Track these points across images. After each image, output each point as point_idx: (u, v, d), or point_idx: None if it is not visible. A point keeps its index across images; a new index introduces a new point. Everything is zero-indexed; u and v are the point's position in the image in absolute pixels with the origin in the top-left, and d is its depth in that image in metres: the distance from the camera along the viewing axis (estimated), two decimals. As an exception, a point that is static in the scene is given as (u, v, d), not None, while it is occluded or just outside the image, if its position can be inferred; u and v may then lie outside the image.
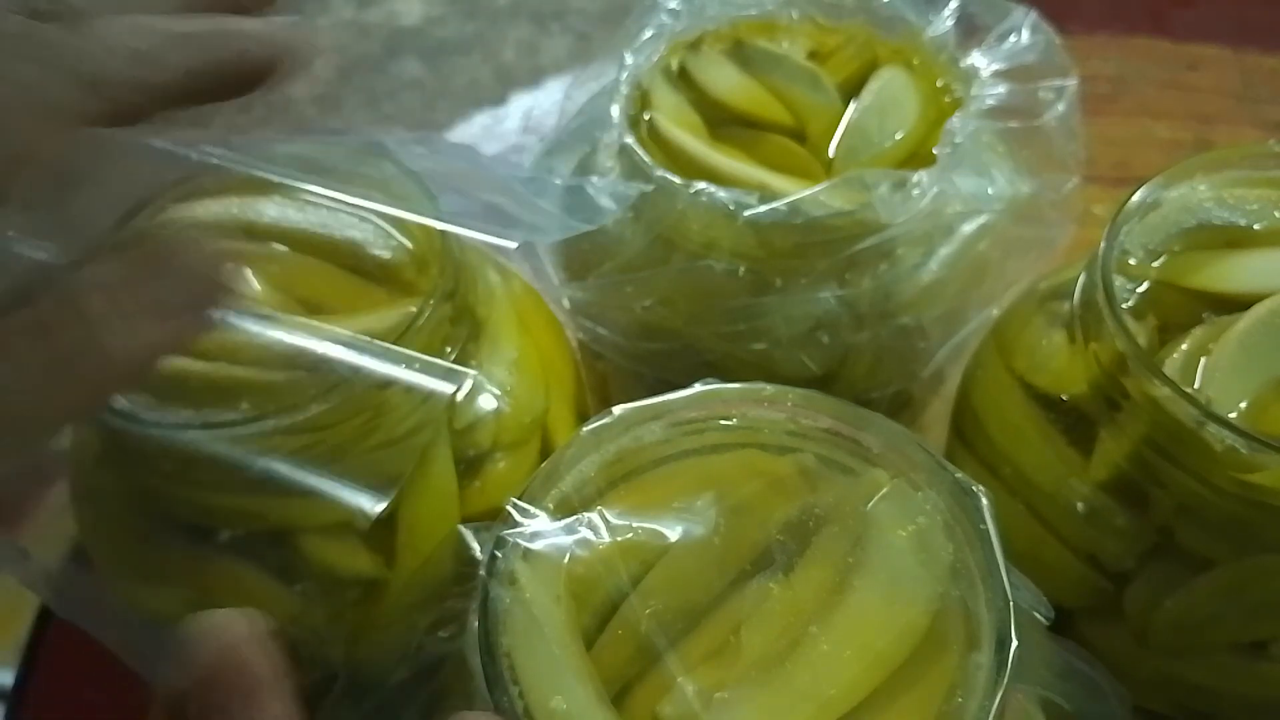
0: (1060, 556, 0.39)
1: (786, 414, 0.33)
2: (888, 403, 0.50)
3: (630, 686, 0.29)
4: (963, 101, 0.47)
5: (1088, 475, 0.38)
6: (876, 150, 0.46)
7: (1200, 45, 0.78)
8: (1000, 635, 0.28)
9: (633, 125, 0.47)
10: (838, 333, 0.45)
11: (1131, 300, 0.37)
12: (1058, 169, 0.47)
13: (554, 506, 0.32)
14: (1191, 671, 0.38)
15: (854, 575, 0.29)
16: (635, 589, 0.30)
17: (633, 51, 0.49)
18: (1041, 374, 0.40)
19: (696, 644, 0.29)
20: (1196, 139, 0.72)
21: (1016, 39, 0.48)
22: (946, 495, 0.31)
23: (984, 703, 0.27)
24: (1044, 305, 0.43)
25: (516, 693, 0.27)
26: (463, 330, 0.37)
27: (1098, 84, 0.75)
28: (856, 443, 0.33)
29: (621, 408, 0.33)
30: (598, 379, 0.53)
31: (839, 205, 0.42)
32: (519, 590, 0.29)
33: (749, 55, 0.50)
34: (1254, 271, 0.38)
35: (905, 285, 0.45)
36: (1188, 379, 0.35)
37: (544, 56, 0.85)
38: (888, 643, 0.28)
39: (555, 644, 0.28)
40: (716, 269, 0.43)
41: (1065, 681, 0.30)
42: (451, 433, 0.37)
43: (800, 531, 0.31)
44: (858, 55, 0.50)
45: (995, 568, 0.29)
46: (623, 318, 0.47)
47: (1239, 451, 0.32)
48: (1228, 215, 0.39)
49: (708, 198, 0.42)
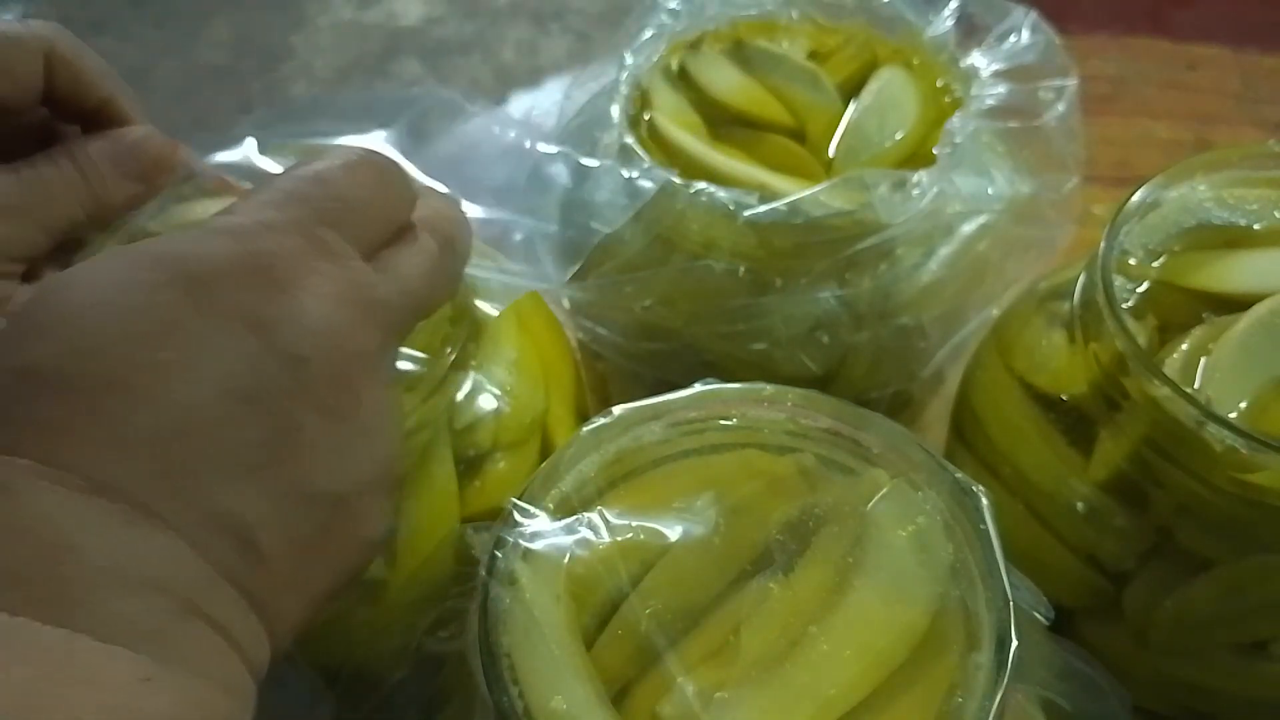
0: (1060, 556, 0.39)
1: (786, 414, 0.33)
2: (888, 403, 0.50)
3: (630, 686, 0.29)
4: (963, 101, 0.47)
5: (1088, 475, 0.38)
6: (876, 150, 0.46)
7: (1200, 45, 0.78)
8: (1000, 635, 0.28)
9: (633, 125, 0.47)
10: (838, 333, 0.45)
11: (1131, 300, 0.37)
12: (1058, 169, 0.47)
13: (554, 506, 0.32)
14: (1191, 671, 0.38)
15: (854, 575, 0.29)
16: (635, 589, 0.30)
17: (633, 51, 0.49)
18: (1041, 374, 0.40)
19: (696, 644, 0.29)
20: (1196, 139, 0.72)
21: (1016, 39, 0.48)
22: (946, 495, 0.31)
23: (984, 703, 0.27)
24: (1044, 305, 0.43)
25: (516, 693, 0.27)
26: (462, 330, 0.37)
27: (1098, 84, 0.75)
28: (856, 443, 0.33)
29: (621, 408, 0.33)
30: (598, 379, 0.53)
31: (839, 205, 0.42)
32: (519, 590, 0.29)
33: (749, 55, 0.50)
34: (1254, 271, 0.38)
35: (905, 285, 0.45)
36: (1188, 379, 0.35)
37: (544, 56, 0.85)
38: (888, 643, 0.28)
39: (555, 644, 0.28)
40: (716, 269, 0.43)
41: (1065, 681, 0.30)
42: (451, 433, 0.37)
43: (800, 531, 0.31)
44: (858, 55, 0.50)
45: (995, 568, 0.29)
46: (623, 318, 0.47)
47: (1239, 451, 0.32)
48: (1228, 215, 0.39)
49: (708, 198, 0.42)
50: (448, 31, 0.88)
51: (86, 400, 0.22)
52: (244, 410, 0.24)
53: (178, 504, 0.23)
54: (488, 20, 0.89)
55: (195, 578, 0.23)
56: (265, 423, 0.24)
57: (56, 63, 0.35)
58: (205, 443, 0.23)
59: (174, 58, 0.85)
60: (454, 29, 0.88)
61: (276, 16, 0.89)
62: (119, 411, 0.23)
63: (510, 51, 0.86)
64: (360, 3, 0.90)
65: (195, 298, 0.24)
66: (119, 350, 0.23)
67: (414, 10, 0.90)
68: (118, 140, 0.36)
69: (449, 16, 0.89)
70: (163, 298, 0.24)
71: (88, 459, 0.22)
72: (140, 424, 0.23)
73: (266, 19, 0.89)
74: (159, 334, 0.23)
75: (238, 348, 0.24)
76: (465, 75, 0.84)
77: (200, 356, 0.24)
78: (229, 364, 0.24)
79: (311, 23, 0.88)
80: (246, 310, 0.24)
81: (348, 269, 0.27)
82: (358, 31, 0.88)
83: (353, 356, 0.26)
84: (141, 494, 0.22)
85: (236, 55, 0.86)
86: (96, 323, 0.23)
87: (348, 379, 0.26)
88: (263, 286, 0.25)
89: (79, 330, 0.23)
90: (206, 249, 0.25)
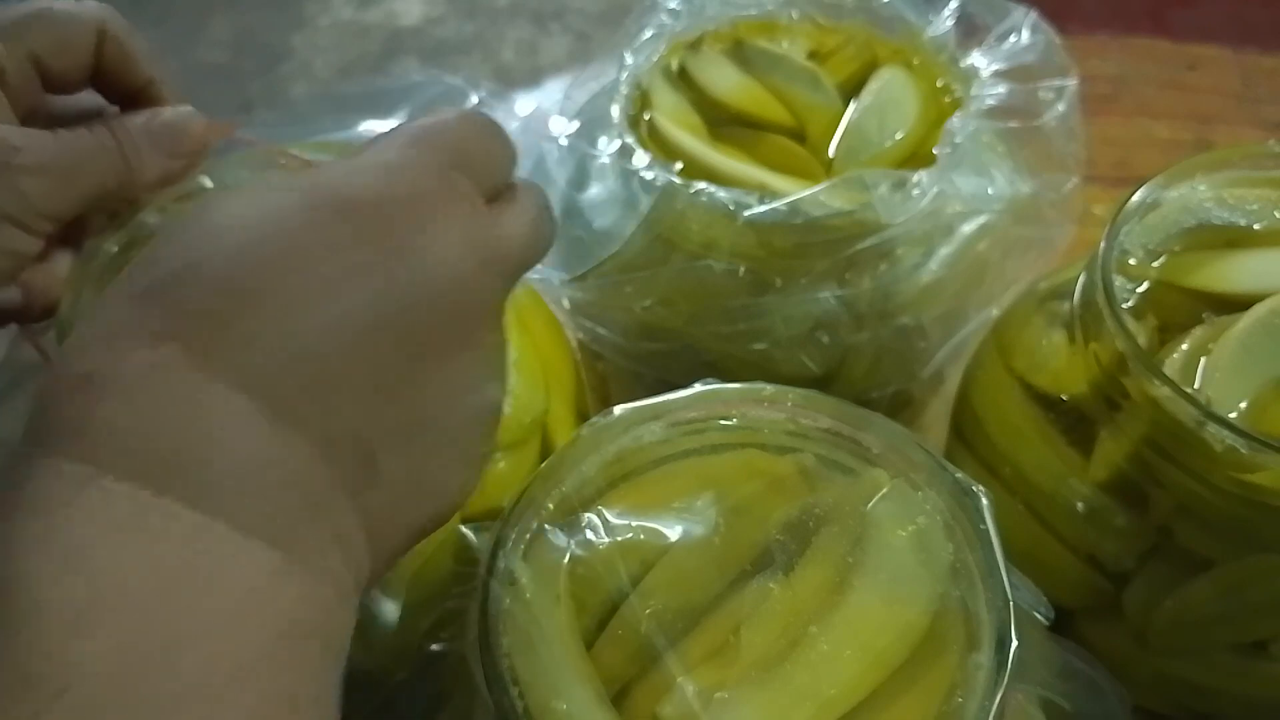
0: (1060, 556, 0.39)
1: (786, 414, 0.33)
2: (888, 403, 0.50)
3: (630, 687, 0.29)
4: (963, 101, 0.47)
5: (1088, 475, 0.38)
6: (876, 150, 0.46)
7: (1200, 45, 0.78)
8: (1000, 635, 0.28)
9: (633, 125, 0.47)
10: (838, 333, 0.45)
11: (1131, 300, 0.37)
12: (1058, 169, 0.47)
13: (554, 506, 0.32)
14: (1191, 671, 0.38)
15: (854, 575, 0.29)
16: (635, 589, 0.30)
17: (633, 51, 0.49)
18: (1041, 374, 0.40)
19: (696, 644, 0.29)
20: (1196, 139, 0.72)
21: (1016, 39, 0.48)
22: (946, 495, 0.31)
23: (984, 703, 0.27)
24: (1044, 305, 0.43)
25: (516, 693, 0.27)
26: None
27: (1098, 84, 0.75)
28: (856, 443, 0.33)
29: (621, 408, 0.33)
30: (598, 379, 0.53)
31: (839, 205, 0.42)
32: (519, 590, 0.29)
33: (749, 55, 0.50)
34: (1254, 271, 0.38)
35: (905, 285, 0.45)
36: (1188, 379, 0.35)
37: (544, 56, 0.85)
38: (888, 643, 0.28)
39: (555, 644, 0.28)
40: (716, 269, 0.43)
41: (1065, 681, 0.30)
42: (451, 433, 0.37)
43: (800, 531, 0.31)
44: (858, 55, 0.50)
45: (995, 568, 0.29)
46: (623, 318, 0.47)
47: (1239, 451, 0.32)
48: (1228, 215, 0.39)
49: (708, 198, 0.42)
50: (448, 31, 0.88)
51: (244, 302, 0.23)
52: (382, 336, 0.25)
53: (314, 413, 0.24)
54: (488, 20, 0.89)
55: (324, 487, 0.24)
56: (399, 350, 0.25)
57: (108, 41, 0.38)
58: (345, 361, 0.24)
59: (174, 57, 0.85)
60: (454, 29, 0.88)
61: (276, 16, 0.89)
62: (273, 318, 0.23)
63: (510, 51, 0.86)
64: (360, 3, 0.90)
65: (351, 225, 0.25)
66: (279, 262, 0.24)
67: (414, 10, 0.90)
68: (155, 116, 0.38)
69: (449, 16, 0.89)
70: (321, 220, 0.25)
71: (240, 357, 0.23)
72: (290, 333, 0.24)
73: (266, 19, 0.89)
74: (316, 253, 0.24)
75: (384, 277, 0.25)
76: (465, 75, 0.84)
77: (350, 280, 0.24)
78: (374, 291, 0.25)
79: (311, 23, 0.88)
80: (394, 243, 0.25)
81: (477, 214, 0.28)
82: (358, 31, 0.88)
83: (478, 300, 0.27)
84: (284, 398, 0.23)
85: (236, 55, 0.86)
86: (259, 234, 0.24)
87: (473, 320, 0.27)
88: (408, 222, 0.26)
89: (242, 238, 0.24)
90: (360, 181, 0.26)
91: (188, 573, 0.21)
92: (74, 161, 0.36)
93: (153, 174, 0.38)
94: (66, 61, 0.37)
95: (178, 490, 0.21)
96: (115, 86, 0.39)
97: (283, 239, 0.24)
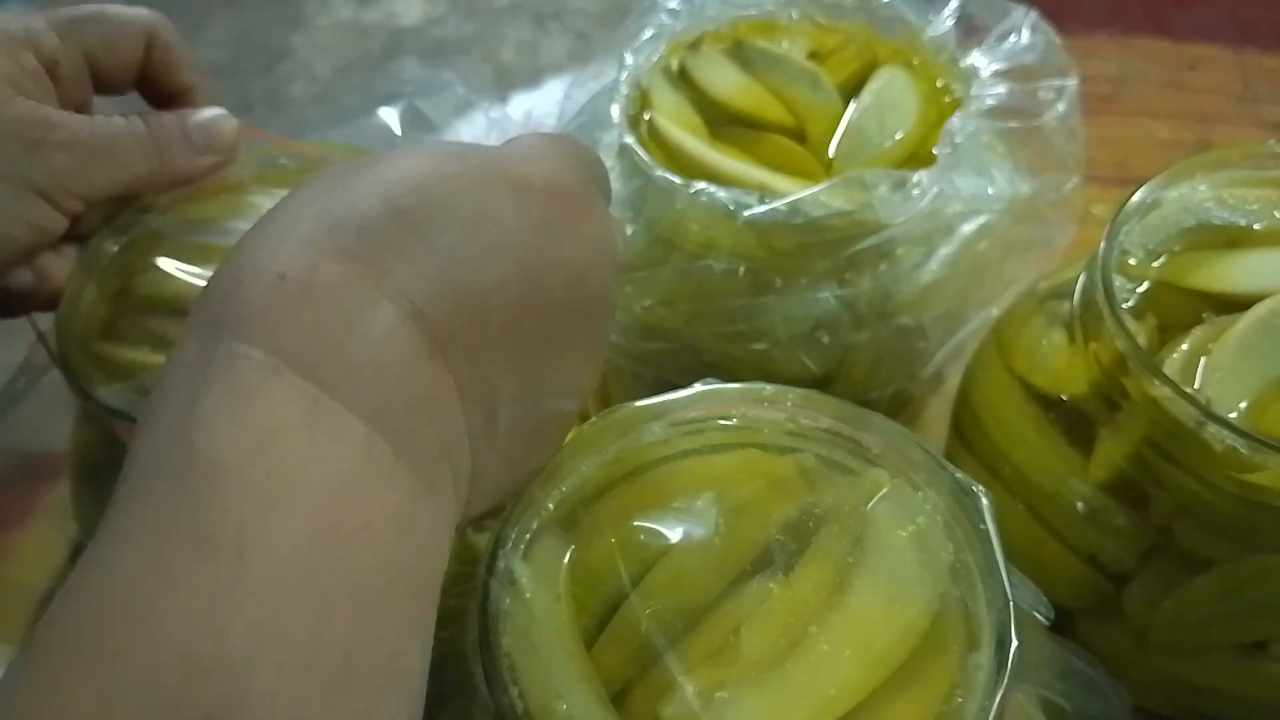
0: (1060, 556, 0.39)
1: (786, 414, 0.33)
2: (888, 403, 0.50)
3: (630, 687, 0.29)
4: (963, 101, 0.47)
5: (1088, 475, 0.38)
6: (876, 150, 0.46)
7: (1200, 45, 0.78)
8: (1000, 635, 0.28)
9: (633, 125, 0.47)
10: (838, 333, 0.45)
11: (1131, 300, 0.37)
12: (1058, 169, 0.47)
13: (554, 506, 0.32)
14: (1191, 671, 0.38)
15: (854, 575, 0.29)
16: (635, 589, 0.30)
17: (633, 51, 0.49)
18: (1041, 374, 0.40)
19: (696, 644, 0.29)
20: (1196, 139, 0.72)
21: (1016, 39, 0.48)
22: (946, 495, 0.31)
23: (984, 703, 0.27)
24: (1044, 305, 0.43)
25: (516, 693, 0.27)
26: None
27: (1098, 84, 0.75)
28: (856, 443, 0.33)
29: (621, 408, 0.33)
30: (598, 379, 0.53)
31: (839, 205, 0.42)
32: (519, 590, 0.29)
33: (749, 55, 0.50)
34: (1254, 271, 0.38)
35: (905, 285, 0.45)
36: (1188, 379, 0.35)
37: (544, 56, 0.85)
38: (888, 643, 0.28)
39: (555, 644, 0.28)
40: (716, 269, 0.43)
41: (1065, 681, 0.30)
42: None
43: (800, 531, 0.31)
44: (858, 55, 0.50)
45: (995, 568, 0.29)
46: (623, 318, 0.47)
47: (1239, 451, 0.32)
48: (1228, 215, 0.39)
49: (708, 198, 0.42)
50: (448, 31, 0.88)
51: (428, 240, 0.25)
52: (530, 303, 0.27)
53: (461, 356, 0.25)
54: (488, 20, 0.89)
55: (456, 428, 0.26)
56: (539, 319, 0.27)
57: (157, 46, 0.40)
58: (496, 316, 0.26)
59: (174, 57, 0.85)
60: (454, 29, 0.88)
61: (276, 16, 0.89)
62: (449, 259, 0.25)
63: (510, 51, 0.86)
64: (360, 3, 0.90)
65: (518, 198, 0.27)
66: (468, 217, 0.26)
67: (414, 10, 0.90)
68: (190, 114, 0.40)
69: (449, 16, 0.89)
70: (494, 184, 0.27)
71: (417, 288, 0.25)
72: (460, 277, 0.25)
73: (266, 19, 0.89)
74: (498, 218, 0.26)
75: (549, 253, 0.27)
76: (465, 75, 0.84)
77: (513, 244, 0.26)
78: (530, 261, 0.27)
79: (311, 23, 0.88)
80: (550, 224, 0.27)
81: (607, 216, 0.31)
82: (358, 31, 0.88)
83: (603, 291, 0.30)
84: (443, 336, 0.25)
85: (236, 55, 0.86)
86: (444, 182, 0.26)
87: (597, 308, 0.30)
88: (570, 210, 0.28)
89: (429, 181, 0.26)
90: (527, 163, 0.28)
91: (359, 480, 0.22)
92: (106, 143, 0.37)
93: (182, 169, 0.39)
94: (116, 61, 0.40)
95: (348, 399, 0.23)
96: (159, 90, 0.41)
97: (471, 198, 0.26)
